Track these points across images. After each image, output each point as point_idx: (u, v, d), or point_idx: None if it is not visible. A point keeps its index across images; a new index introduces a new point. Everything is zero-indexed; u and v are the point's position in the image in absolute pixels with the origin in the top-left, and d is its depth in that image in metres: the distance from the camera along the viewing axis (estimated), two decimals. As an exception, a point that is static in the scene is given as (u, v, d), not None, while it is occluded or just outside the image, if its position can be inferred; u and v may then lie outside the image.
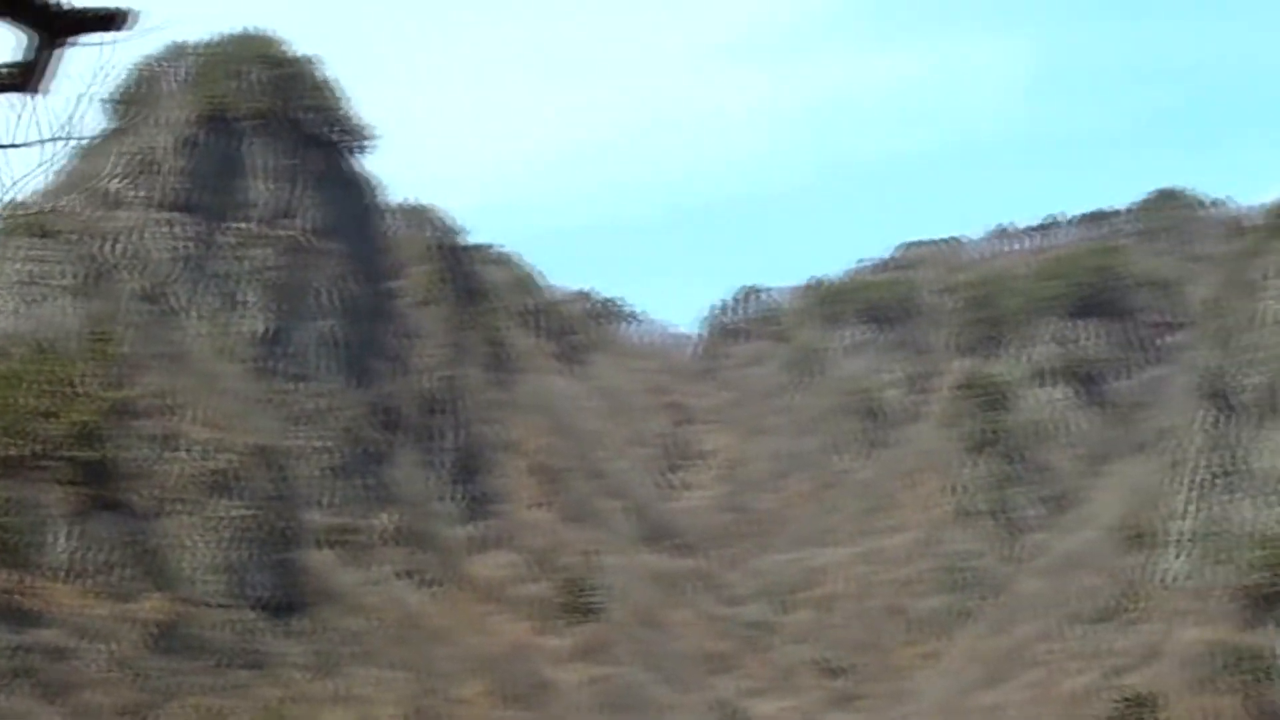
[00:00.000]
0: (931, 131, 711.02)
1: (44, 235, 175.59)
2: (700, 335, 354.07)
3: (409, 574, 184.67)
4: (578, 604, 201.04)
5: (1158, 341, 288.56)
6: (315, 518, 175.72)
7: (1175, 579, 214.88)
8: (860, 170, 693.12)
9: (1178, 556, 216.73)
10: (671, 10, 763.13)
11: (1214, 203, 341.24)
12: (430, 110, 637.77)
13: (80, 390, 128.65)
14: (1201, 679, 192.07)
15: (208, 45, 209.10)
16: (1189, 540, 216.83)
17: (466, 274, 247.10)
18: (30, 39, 17.51)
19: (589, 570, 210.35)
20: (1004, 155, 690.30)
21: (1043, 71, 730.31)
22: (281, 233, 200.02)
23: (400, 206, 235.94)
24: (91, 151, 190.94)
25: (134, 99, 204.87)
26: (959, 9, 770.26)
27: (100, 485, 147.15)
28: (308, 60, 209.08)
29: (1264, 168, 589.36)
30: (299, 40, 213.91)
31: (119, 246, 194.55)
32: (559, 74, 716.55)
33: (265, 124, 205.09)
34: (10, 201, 20.98)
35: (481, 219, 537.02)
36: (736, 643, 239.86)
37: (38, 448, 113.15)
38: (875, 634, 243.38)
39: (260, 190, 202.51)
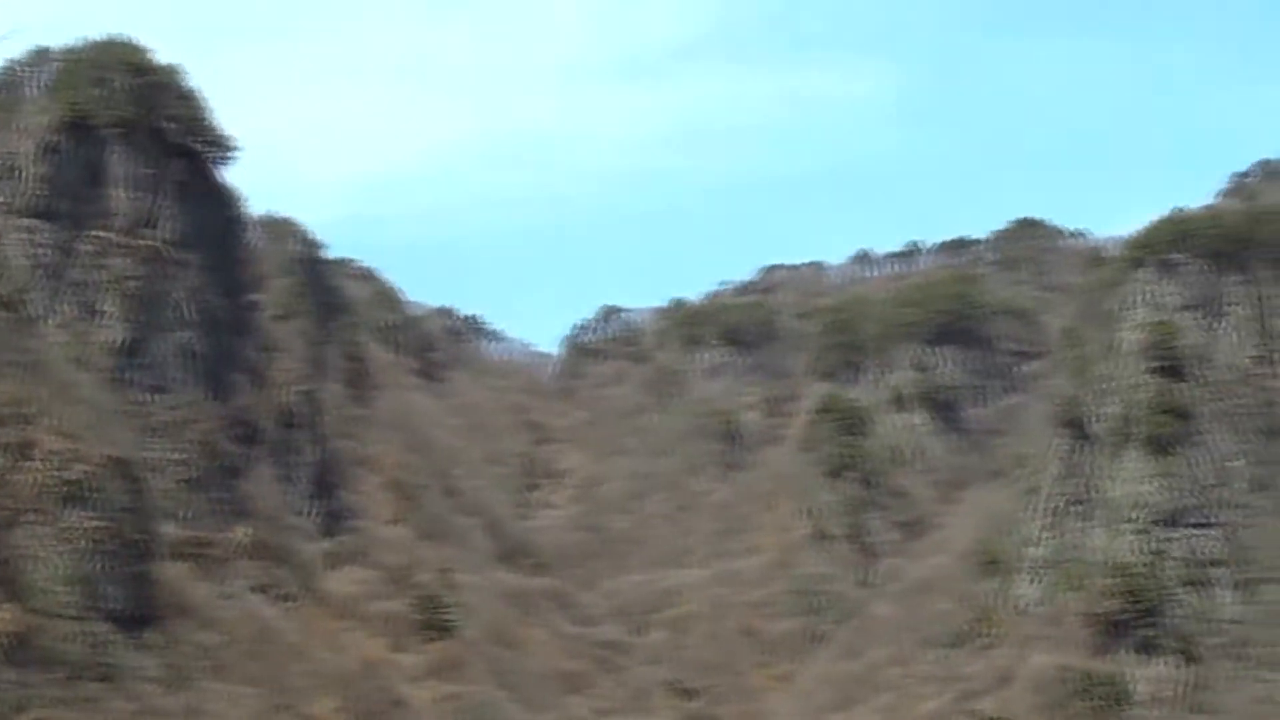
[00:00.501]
0: (797, 155, 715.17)
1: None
2: (560, 354, 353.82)
3: (264, 588, 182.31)
4: (432, 621, 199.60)
5: (1015, 370, 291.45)
6: (170, 530, 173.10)
7: (1028, 605, 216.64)
8: (724, 193, 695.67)
9: (1031, 583, 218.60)
10: (540, 27, 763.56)
11: (1073, 233, 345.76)
12: (293, 122, 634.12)
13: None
14: (1053, 704, 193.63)
15: (71, 51, 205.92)
16: (1042, 567, 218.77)
17: (327, 288, 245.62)
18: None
19: (444, 588, 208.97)
20: (868, 181, 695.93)
21: (910, 99, 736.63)
22: (142, 242, 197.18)
23: (262, 219, 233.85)
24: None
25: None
26: (829, 35, 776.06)
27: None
28: (172, 69, 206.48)
29: (1123, 199, 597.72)
30: (163, 48, 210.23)
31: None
32: (424, 87, 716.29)
33: (128, 132, 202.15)
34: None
35: (343, 233, 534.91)
36: (590, 662, 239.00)
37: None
38: (729, 656, 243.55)
39: (121, 199, 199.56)
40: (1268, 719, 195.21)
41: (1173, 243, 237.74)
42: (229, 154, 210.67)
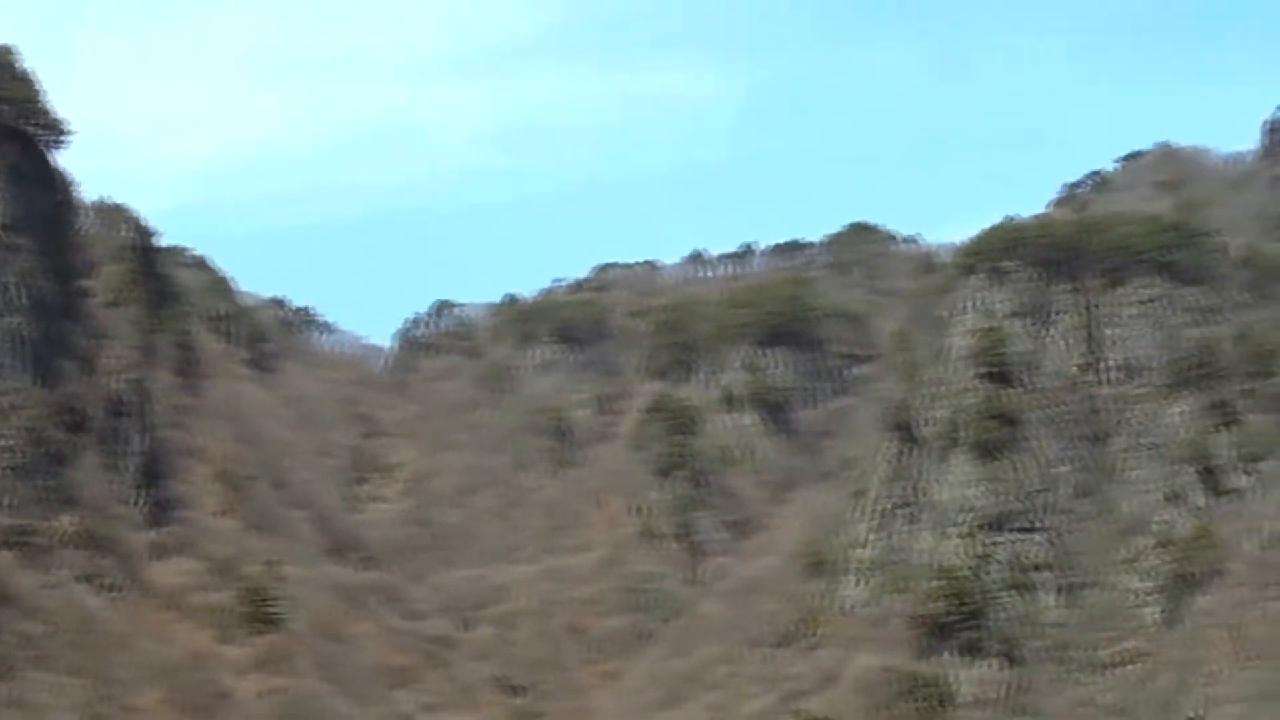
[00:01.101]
0: (637, 155, 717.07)
1: None
2: (392, 348, 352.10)
3: (89, 578, 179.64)
4: (259, 614, 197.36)
5: (845, 372, 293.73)
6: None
7: (854, 606, 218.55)
8: (562, 190, 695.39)
9: (857, 584, 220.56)
10: (383, 19, 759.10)
11: (906, 238, 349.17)
12: (135, 109, 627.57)
13: None
14: (877, 705, 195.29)
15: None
16: (868, 568, 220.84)
17: (159, 276, 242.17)
18: None
19: (271, 580, 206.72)
20: (706, 182, 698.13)
21: (750, 102, 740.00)
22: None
23: (95, 205, 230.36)
24: None
25: None
26: (673, 37, 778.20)
27: None
28: (5, 49, 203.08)
29: (957, 206, 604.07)
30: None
31: None
32: (266, 76, 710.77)
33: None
34: None
35: (180, 221, 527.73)
36: (418, 657, 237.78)
37: None
38: (556, 652, 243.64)
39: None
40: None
41: (1004, 250, 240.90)
42: (63, 138, 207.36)
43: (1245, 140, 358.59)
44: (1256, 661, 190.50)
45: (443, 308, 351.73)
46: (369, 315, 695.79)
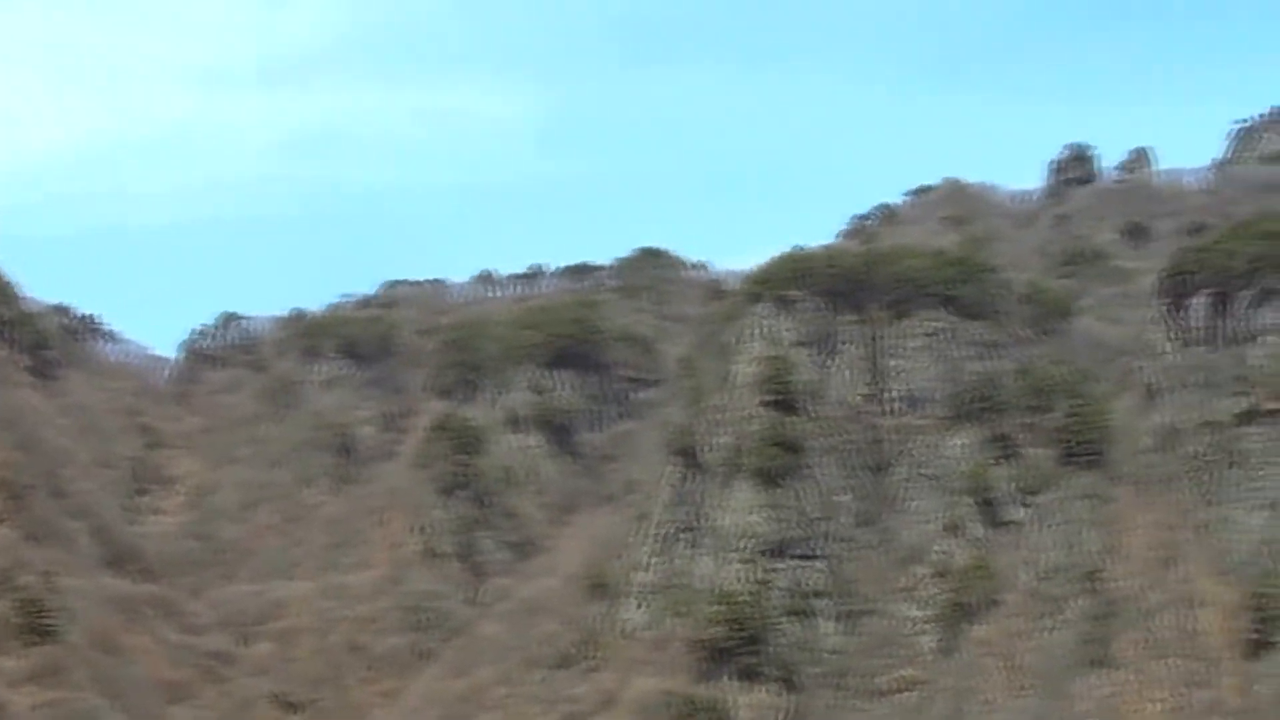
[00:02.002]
0: (431, 172, 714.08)
1: None
2: (177, 359, 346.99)
3: None
4: (34, 625, 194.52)
5: (630, 396, 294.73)
6: None
7: (634, 629, 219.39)
8: (353, 204, 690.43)
9: (638, 607, 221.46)
10: (180, 26, 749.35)
11: (695, 265, 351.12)
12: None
13: None
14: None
15: None
16: (649, 592, 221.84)
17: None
18: None
19: (47, 591, 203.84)
20: (499, 202, 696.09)
21: (548, 124, 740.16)
22: None
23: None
24: None
25: None
26: (470, 55, 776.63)
27: None
28: None
29: (747, 235, 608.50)
30: None
31: None
32: (60, 80, 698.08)
33: None
34: None
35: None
36: (195, 672, 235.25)
37: None
38: (335, 670, 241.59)
39: None
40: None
41: (791, 280, 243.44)
42: None
43: (1031, 179, 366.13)
44: (1029, 690, 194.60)
45: (229, 320, 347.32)
46: (154, 325, 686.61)
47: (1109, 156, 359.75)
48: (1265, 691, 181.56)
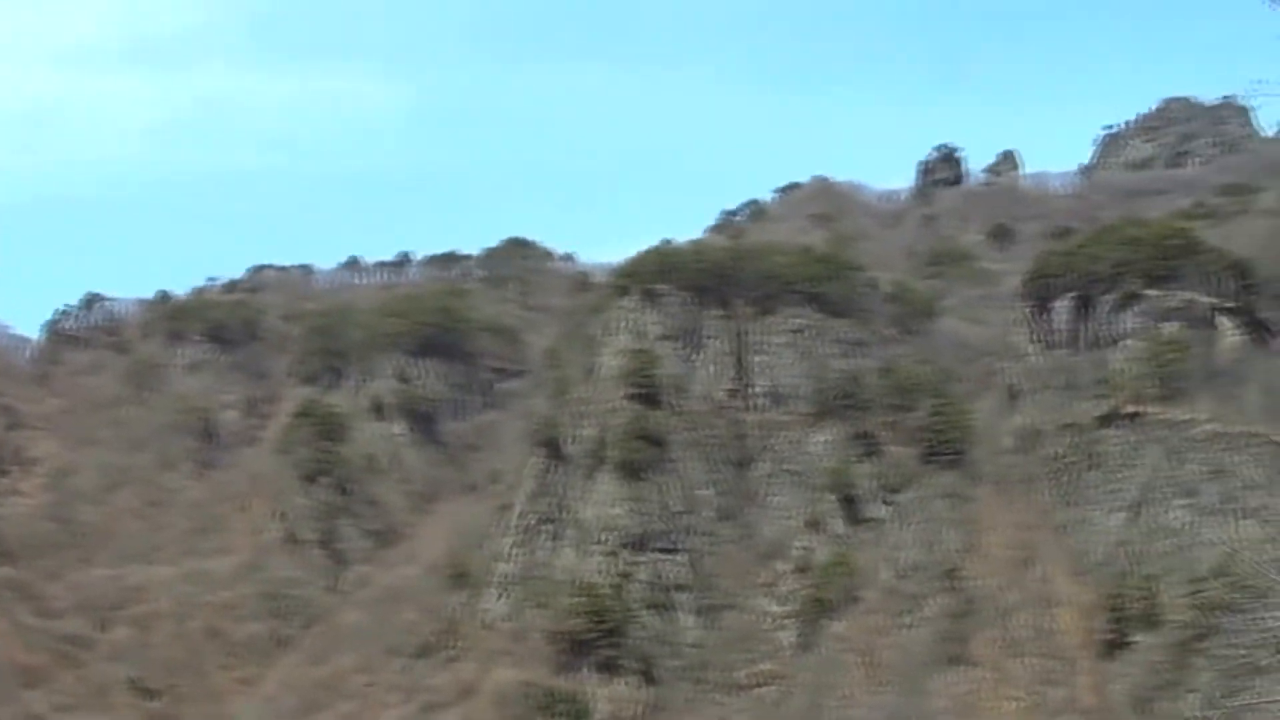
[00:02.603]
0: (303, 158, 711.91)
1: None
2: (39, 339, 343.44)
3: None
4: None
5: (495, 386, 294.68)
6: None
7: (495, 620, 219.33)
8: (222, 188, 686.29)
9: (499, 598, 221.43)
10: (42, 3, 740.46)
11: (562, 256, 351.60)
12: None
13: None
14: (515, 718, 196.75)
15: None
16: (511, 583, 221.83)
17: None
18: None
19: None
20: (368, 189, 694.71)
21: (420, 114, 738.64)
22: None
23: None
24: None
25: None
26: (344, 43, 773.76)
27: None
28: None
29: (617, 228, 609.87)
30: None
31: None
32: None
33: None
34: None
35: None
36: (51, 657, 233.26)
37: None
38: (194, 656, 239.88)
39: None
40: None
41: (658, 273, 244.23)
42: None
43: (900, 179, 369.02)
44: (887, 686, 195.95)
45: (92, 301, 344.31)
46: (17, 305, 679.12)
47: (977, 159, 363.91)
48: (1119, 691, 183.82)
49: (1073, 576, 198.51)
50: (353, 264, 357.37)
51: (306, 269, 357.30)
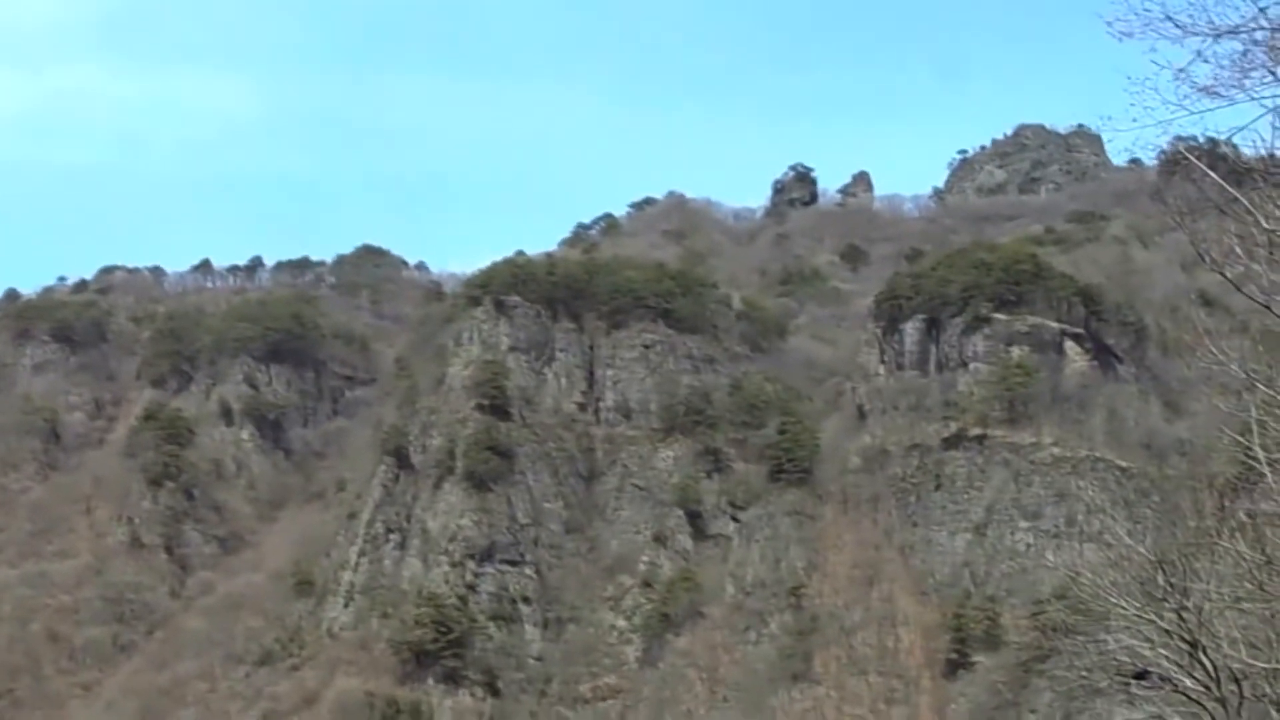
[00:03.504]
0: (154, 158, 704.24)
1: None
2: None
3: None
4: None
5: (344, 394, 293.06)
6: None
7: (339, 628, 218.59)
8: (73, 186, 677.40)
9: (344, 606, 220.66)
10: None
11: (415, 265, 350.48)
12: None
13: None
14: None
15: None
16: (356, 591, 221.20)
17: None
18: None
19: None
20: (222, 192, 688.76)
21: (276, 118, 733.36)
22: None
23: None
24: None
25: None
26: (202, 45, 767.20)
27: None
28: None
29: (471, 238, 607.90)
30: None
31: None
32: None
33: None
34: None
35: None
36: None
37: None
38: (34, 660, 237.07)
39: None
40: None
41: (510, 285, 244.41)
42: None
43: (756, 197, 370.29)
44: (730, 702, 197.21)
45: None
46: None
47: (831, 179, 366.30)
48: (960, 710, 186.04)
49: (916, 596, 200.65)
50: (204, 267, 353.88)
51: (157, 271, 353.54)
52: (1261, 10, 32.52)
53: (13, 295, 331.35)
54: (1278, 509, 38.47)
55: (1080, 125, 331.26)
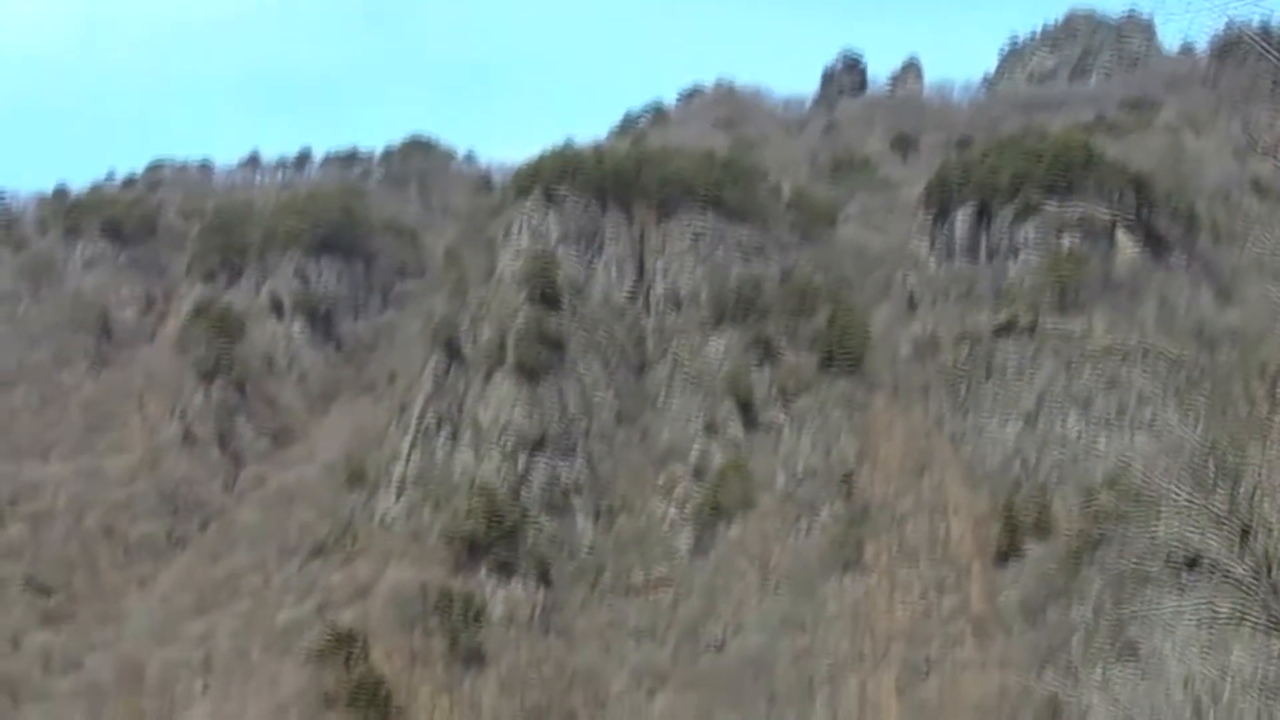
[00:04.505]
0: (206, 55, 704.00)
1: None
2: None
3: None
4: None
5: (395, 286, 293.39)
6: None
7: (391, 520, 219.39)
8: (124, 82, 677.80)
9: (396, 498, 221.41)
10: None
11: (464, 156, 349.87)
12: None
13: None
14: (410, 619, 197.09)
15: None
16: (409, 483, 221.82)
17: None
18: None
19: None
20: (269, 85, 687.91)
21: (326, 10, 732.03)
22: None
23: None
24: None
25: None
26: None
27: None
28: None
29: (520, 127, 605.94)
30: None
31: None
32: None
33: None
34: None
35: None
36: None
37: None
38: (89, 555, 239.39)
39: None
40: (615, 642, 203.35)
41: (560, 176, 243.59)
42: None
43: (805, 85, 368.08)
44: (780, 591, 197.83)
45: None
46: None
47: (881, 67, 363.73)
48: (1010, 598, 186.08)
49: (967, 485, 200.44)
50: (252, 161, 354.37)
51: (206, 165, 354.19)
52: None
53: (62, 191, 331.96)
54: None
55: (1131, 11, 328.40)
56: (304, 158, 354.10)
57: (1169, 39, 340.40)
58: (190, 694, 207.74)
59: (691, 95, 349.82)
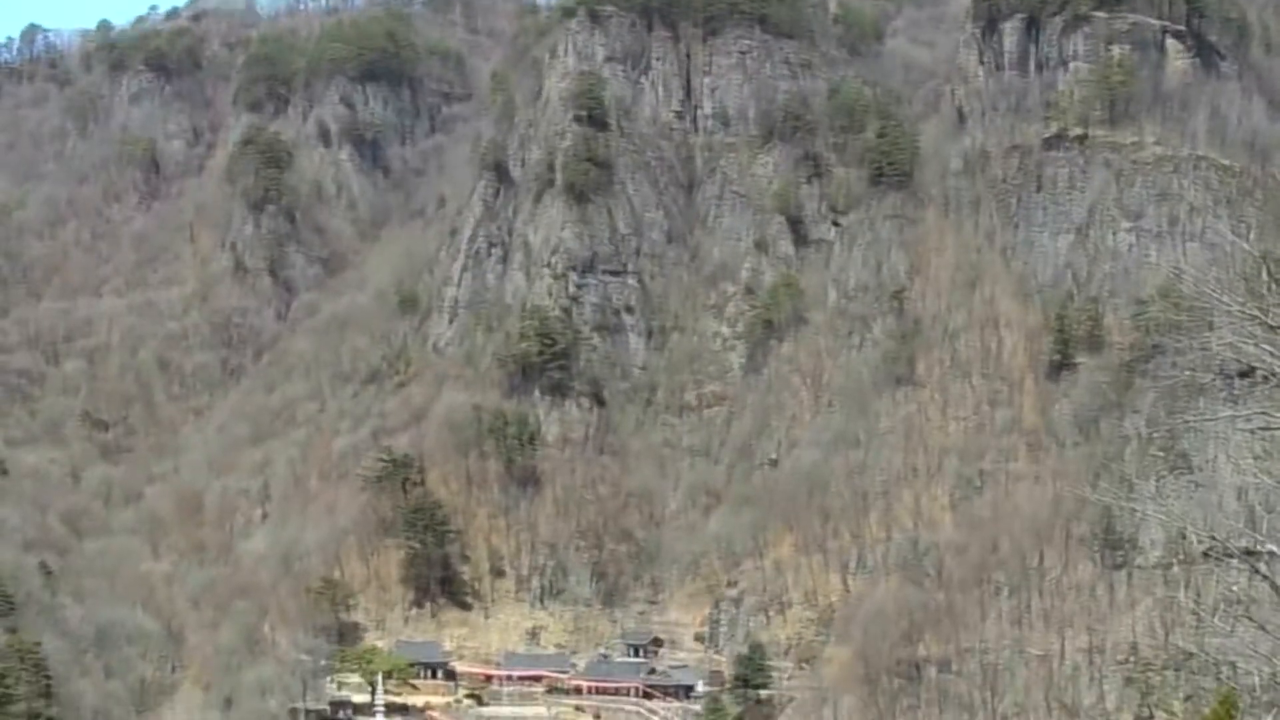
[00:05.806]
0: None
1: None
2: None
3: None
4: None
5: (441, 111, 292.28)
6: None
7: (444, 345, 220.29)
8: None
9: (449, 322, 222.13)
10: None
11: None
12: None
13: None
14: (465, 442, 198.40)
15: None
16: (460, 307, 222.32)
17: None
18: None
19: None
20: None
21: None
22: None
23: None
24: None
25: None
26: None
27: None
28: None
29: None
30: None
31: None
32: None
33: None
34: None
35: None
36: (2, 392, 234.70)
37: None
38: (145, 388, 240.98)
39: None
40: (670, 461, 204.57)
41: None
42: None
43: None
44: (832, 408, 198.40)
45: (32, 33, 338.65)
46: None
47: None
48: (1063, 411, 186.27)
49: (1018, 298, 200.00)
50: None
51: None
52: None
53: (105, 27, 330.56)
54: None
55: None
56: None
57: None
58: (249, 522, 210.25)
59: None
